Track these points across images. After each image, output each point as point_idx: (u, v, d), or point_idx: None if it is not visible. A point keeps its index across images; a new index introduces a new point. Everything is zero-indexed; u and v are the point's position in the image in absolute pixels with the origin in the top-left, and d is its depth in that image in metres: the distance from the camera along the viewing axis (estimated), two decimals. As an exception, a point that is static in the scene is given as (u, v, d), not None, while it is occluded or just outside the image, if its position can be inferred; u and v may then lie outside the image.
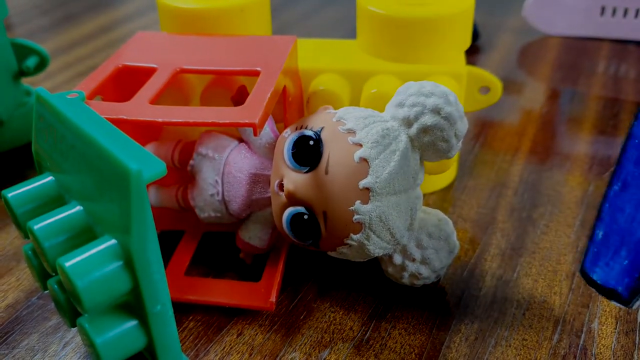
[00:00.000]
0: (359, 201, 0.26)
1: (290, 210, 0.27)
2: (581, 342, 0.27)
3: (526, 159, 0.40)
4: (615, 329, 0.28)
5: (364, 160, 0.26)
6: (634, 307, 0.28)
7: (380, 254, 0.28)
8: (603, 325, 0.28)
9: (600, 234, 0.27)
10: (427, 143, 0.27)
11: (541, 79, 0.51)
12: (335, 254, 0.28)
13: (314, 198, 0.26)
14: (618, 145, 0.41)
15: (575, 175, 0.38)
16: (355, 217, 0.26)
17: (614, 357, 0.26)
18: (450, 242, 0.28)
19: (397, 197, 0.26)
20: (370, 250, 0.27)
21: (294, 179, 0.27)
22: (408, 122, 0.27)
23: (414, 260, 0.28)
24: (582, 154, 0.41)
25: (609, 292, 0.28)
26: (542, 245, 0.33)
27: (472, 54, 0.55)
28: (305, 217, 0.27)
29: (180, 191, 0.32)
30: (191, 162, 0.30)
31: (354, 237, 0.26)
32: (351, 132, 0.27)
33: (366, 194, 0.26)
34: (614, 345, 0.27)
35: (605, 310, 0.29)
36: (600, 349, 0.27)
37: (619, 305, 0.28)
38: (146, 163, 0.21)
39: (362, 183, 0.26)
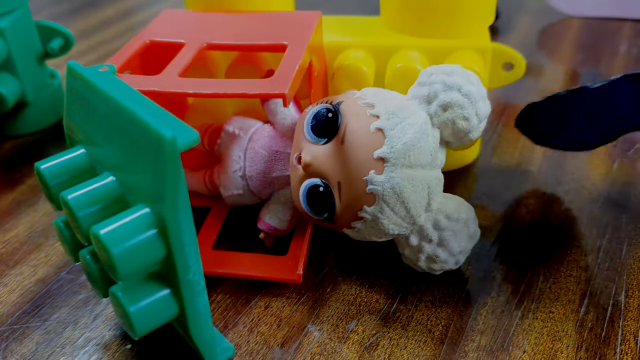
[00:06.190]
0: (372, 171, 0.26)
1: (306, 182, 0.27)
2: (608, 315, 0.27)
3: (549, 138, 0.40)
4: (643, 301, 0.28)
5: (379, 130, 0.26)
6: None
7: (396, 232, 0.27)
8: (630, 299, 0.28)
9: None
10: (447, 121, 0.27)
11: (561, 61, 0.51)
12: (350, 232, 0.28)
13: (330, 168, 0.26)
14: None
15: (599, 153, 0.38)
16: (369, 187, 0.26)
17: (642, 328, 0.26)
18: (470, 227, 0.28)
19: (413, 171, 0.26)
20: (385, 225, 0.27)
21: (312, 151, 0.27)
22: (428, 99, 0.27)
23: (430, 241, 0.27)
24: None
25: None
26: (567, 221, 0.33)
27: (492, 35, 0.54)
28: (321, 189, 0.27)
29: (208, 174, 0.32)
30: (219, 140, 0.31)
31: (368, 209, 0.26)
32: (370, 105, 0.27)
33: (380, 164, 0.26)
34: (642, 318, 0.27)
35: (632, 284, 0.29)
36: (627, 321, 0.27)
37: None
38: (180, 131, 0.21)
39: (377, 153, 0.26)
